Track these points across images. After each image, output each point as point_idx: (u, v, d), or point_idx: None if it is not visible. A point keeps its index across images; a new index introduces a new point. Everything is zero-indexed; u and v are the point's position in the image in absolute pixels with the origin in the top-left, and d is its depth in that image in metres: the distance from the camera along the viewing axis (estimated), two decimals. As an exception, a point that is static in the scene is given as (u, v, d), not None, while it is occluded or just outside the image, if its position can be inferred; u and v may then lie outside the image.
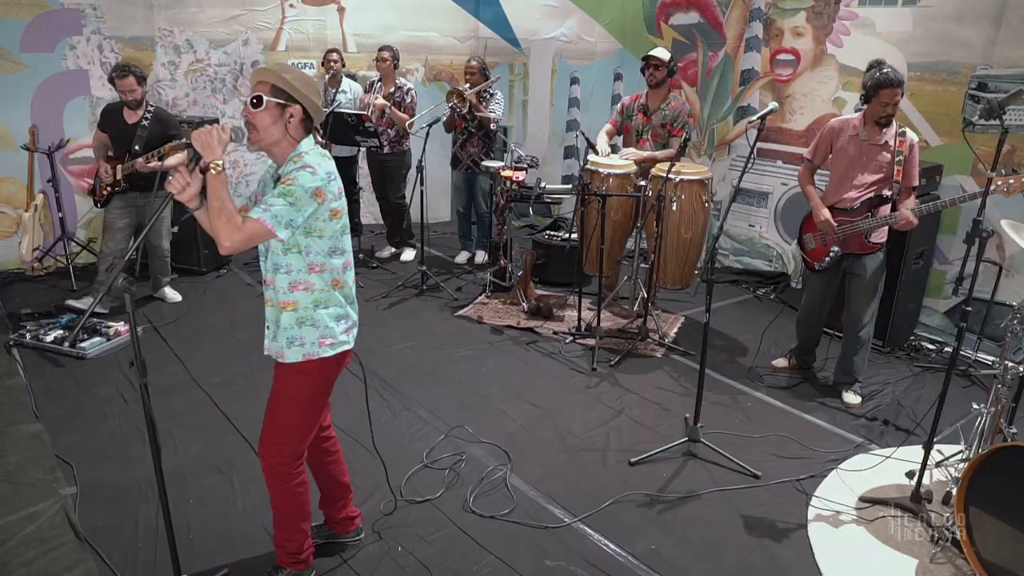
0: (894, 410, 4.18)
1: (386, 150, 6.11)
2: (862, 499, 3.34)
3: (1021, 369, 2.96)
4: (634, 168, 4.94)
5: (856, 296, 4.16)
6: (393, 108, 5.96)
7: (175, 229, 5.53)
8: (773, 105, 3.54)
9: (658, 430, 3.90)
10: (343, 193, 2.42)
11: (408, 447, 3.64)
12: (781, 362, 4.65)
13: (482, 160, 5.99)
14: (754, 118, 3.52)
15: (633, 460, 3.58)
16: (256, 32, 6.62)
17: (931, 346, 5.00)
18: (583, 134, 5.10)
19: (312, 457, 2.69)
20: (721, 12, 6.18)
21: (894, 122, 3.91)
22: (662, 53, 5.00)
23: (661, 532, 3.10)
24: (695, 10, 6.32)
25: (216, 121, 6.03)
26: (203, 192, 2.25)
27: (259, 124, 2.28)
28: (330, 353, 2.46)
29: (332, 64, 5.99)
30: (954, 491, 3.31)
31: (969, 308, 2.97)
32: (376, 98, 5.91)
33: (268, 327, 2.49)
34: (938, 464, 3.44)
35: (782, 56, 5.86)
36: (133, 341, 2.18)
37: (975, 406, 3.38)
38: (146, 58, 6.08)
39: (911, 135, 3.91)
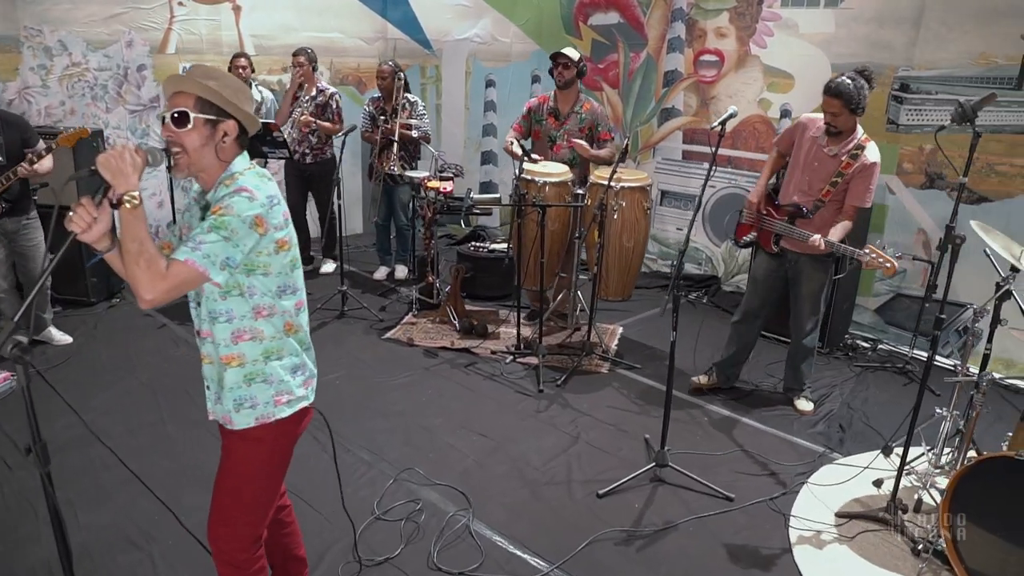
0: (846, 414, 4.14)
1: (308, 160, 5.71)
2: (838, 514, 3.25)
3: (997, 375, 2.93)
4: (571, 176, 4.72)
5: (794, 303, 4.09)
6: (321, 122, 5.61)
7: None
8: (733, 109, 3.39)
9: (619, 455, 3.69)
10: (290, 220, 2.03)
11: (355, 496, 3.23)
12: (702, 379, 4.38)
13: (403, 170, 5.62)
14: (716, 124, 3.37)
15: (601, 492, 3.34)
16: (141, 32, 5.94)
17: (865, 344, 5.06)
18: (522, 144, 4.81)
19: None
20: (642, 12, 6.05)
21: (857, 138, 3.66)
22: (572, 52, 4.80)
23: (645, 571, 2.88)
24: (615, 10, 6.17)
25: (101, 135, 5.32)
26: (113, 229, 1.83)
27: (188, 146, 1.87)
28: (288, 412, 2.06)
29: (241, 71, 5.49)
30: (924, 497, 3.28)
31: (943, 316, 2.90)
32: (303, 113, 5.53)
33: (208, 387, 2.07)
34: (906, 472, 3.39)
35: (706, 57, 5.79)
36: (30, 420, 1.73)
37: (938, 410, 3.37)
38: (11, 61, 5.34)
39: (869, 157, 3.61)
